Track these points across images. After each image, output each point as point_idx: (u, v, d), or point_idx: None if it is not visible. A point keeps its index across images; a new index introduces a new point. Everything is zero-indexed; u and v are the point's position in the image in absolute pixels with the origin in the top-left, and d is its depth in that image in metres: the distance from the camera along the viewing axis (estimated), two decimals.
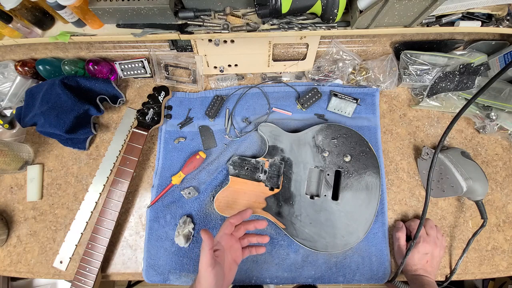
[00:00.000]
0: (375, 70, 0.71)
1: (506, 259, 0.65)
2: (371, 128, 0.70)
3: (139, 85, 0.76)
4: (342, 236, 0.60)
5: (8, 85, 0.72)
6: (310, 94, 0.70)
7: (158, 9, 0.53)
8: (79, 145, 0.69)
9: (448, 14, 0.58)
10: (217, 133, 0.70)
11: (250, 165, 0.64)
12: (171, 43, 0.70)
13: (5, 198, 0.70)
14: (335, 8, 0.50)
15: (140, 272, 0.63)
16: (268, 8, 0.50)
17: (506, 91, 0.66)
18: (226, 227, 0.51)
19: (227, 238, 0.52)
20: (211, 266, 0.44)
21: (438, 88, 0.68)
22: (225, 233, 0.51)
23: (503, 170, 0.69)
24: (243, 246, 0.55)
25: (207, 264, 0.44)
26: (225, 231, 0.51)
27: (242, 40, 0.63)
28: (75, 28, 0.59)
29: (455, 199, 0.68)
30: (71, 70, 0.69)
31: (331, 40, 0.70)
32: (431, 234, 0.61)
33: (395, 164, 0.69)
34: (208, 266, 0.44)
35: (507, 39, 0.69)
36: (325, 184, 0.63)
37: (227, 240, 0.51)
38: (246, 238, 0.55)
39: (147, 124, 0.66)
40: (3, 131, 0.72)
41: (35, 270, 0.65)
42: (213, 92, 0.73)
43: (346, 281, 0.62)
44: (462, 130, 0.72)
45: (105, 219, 0.61)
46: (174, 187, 0.67)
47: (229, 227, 0.52)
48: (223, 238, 0.51)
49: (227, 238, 0.52)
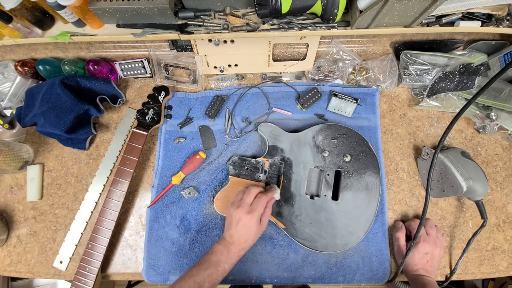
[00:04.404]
0: (375, 70, 0.71)
1: (506, 259, 0.65)
2: (371, 128, 0.70)
3: (139, 85, 0.76)
4: (342, 236, 0.60)
5: (8, 85, 0.72)
6: (310, 94, 0.70)
7: (158, 9, 0.53)
8: (79, 145, 0.69)
9: (448, 14, 0.58)
10: (217, 133, 0.70)
11: (250, 165, 0.64)
12: (171, 43, 0.70)
13: (5, 198, 0.70)
14: (335, 8, 0.50)
15: (140, 272, 0.63)
16: (268, 8, 0.50)
17: (506, 91, 0.66)
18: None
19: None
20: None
21: (438, 88, 0.68)
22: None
23: (503, 170, 0.69)
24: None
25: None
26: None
27: (242, 40, 0.63)
28: (75, 28, 0.59)
29: (455, 199, 0.68)
30: (71, 70, 0.69)
31: (331, 40, 0.70)
32: (431, 234, 0.61)
33: (395, 164, 0.69)
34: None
35: (507, 39, 0.69)
36: (325, 184, 0.63)
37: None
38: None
39: (147, 124, 0.66)
40: (3, 131, 0.72)
41: (35, 270, 0.65)
42: (213, 92, 0.73)
43: (346, 281, 0.62)
44: (462, 130, 0.72)
45: (105, 219, 0.61)
46: (174, 187, 0.67)
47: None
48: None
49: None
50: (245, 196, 0.55)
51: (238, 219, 0.53)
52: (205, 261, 0.51)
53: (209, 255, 0.52)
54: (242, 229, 0.52)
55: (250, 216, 0.52)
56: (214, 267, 0.50)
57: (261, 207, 0.54)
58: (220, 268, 0.51)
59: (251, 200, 0.54)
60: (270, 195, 0.57)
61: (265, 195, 0.56)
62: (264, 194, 0.56)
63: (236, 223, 0.53)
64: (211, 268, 0.50)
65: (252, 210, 0.53)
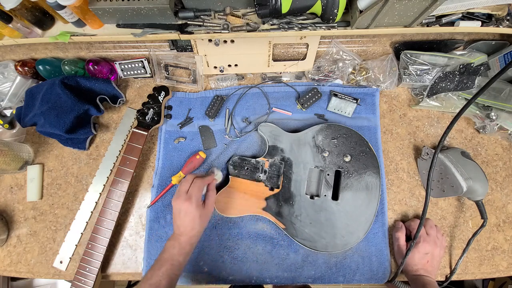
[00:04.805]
0: (375, 70, 0.71)
1: (506, 259, 0.65)
2: (371, 128, 0.70)
3: (139, 85, 0.76)
4: (342, 236, 0.60)
5: (8, 85, 0.72)
6: (310, 94, 0.70)
7: (158, 9, 0.53)
8: (79, 145, 0.69)
9: (448, 14, 0.58)
10: (217, 133, 0.70)
11: (250, 165, 0.64)
12: (171, 43, 0.70)
13: (5, 198, 0.70)
14: (335, 8, 0.50)
15: (140, 272, 0.63)
16: (268, 8, 0.50)
17: (506, 91, 0.66)
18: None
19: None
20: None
21: (438, 88, 0.68)
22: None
23: (503, 170, 0.69)
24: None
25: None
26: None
27: (242, 40, 0.63)
28: (75, 28, 0.59)
29: (455, 199, 0.68)
30: (71, 70, 0.69)
31: (331, 40, 0.70)
32: (431, 234, 0.61)
33: (395, 164, 0.69)
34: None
35: (507, 39, 0.69)
36: (325, 184, 0.63)
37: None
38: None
39: (147, 124, 0.66)
40: (3, 131, 0.72)
41: (35, 270, 0.65)
42: (213, 92, 0.73)
43: (346, 281, 0.62)
44: (462, 130, 0.72)
45: (105, 219, 0.61)
46: (174, 187, 0.67)
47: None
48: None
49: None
50: (180, 186, 0.55)
51: (179, 210, 0.53)
52: (158, 261, 0.52)
53: (162, 254, 0.52)
54: (185, 217, 0.53)
55: (188, 203, 0.53)
56: (168, 263, 0.51)
57: (198, 192, 0.55)
58: (175, 262, 0.51)
59: (187, 188, 0.55)
60: (209, 178, 0.59)
61: (200, 179, 0.57)
62: (200, 178, 0.57)
63: (178, 213, 0.53)
64: (165, 266, 0.50)
65: (189, 197, 0.53)
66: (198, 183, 0.56)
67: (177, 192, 0.55)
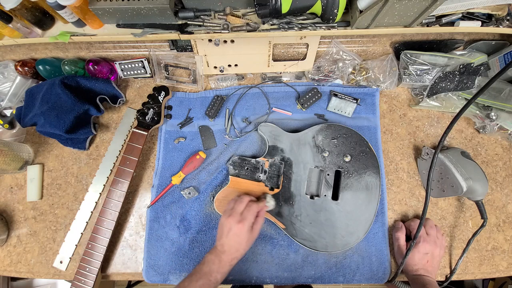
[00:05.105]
0: (375, 70, 0.71)
1: (506, 259, 0.65)
2: (371, 128, 0.70)
3: (139, 85, 0.76)
4: (342, 236, 0.60)
5: (8, 85, 0.72)
6: (310, 94, 0.70)
7: (158, 9, 0.53)
8: (79, 145, 0.69)
9: (448, 14, 0.58)
10: (217, 133, 0.70)
11: (250, 165, 0.64)
12: (171, 43, 0.70)
13: (5, 198, 0.70)
14: (335, 8, 0.50)
15: (140, 272, 0.63)
16: (268, 8, 0.50)
17: (506, 91, 0.66)
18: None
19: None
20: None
21: (438, 88, 0.68)
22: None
23: (503, 170, 0.69)
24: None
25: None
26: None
27: (242, 40, 0.63)
28: (75, 28, 0.59)
29: (455, 199, 0.68)
30: (71, 70, 0.69)
31: (331, 40, 0.70)
32: (431, 234, 0.61)
33: (395, 164, 0.69)
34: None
35: (507, 39, 0.69)
36: (325, 184, 0.63)
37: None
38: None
39: (147, 124, 0.66)
40: (3, 131, 0.72)
41: (35, 270, 0.65)
42: (213, 92, 0.73)
43: (346, 281, 0.62)
44: (462, 130, 0.72)
45: (105, 219, 0.61)
46: (174, 187, 0.67)
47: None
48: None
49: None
50: (236, 205, 0.55)
51: (229, 228, 0.53)
52: (197, 272, 0.51)
53: (201, 266, 0.52)
54: (233, 238, 0.52)
55: (240, 225, 0.52)
56: (206, 278, 0.50)
57: (252, 216, 0.54)
58: (212, 278, 0.51)
59: (242, 209, 0.55)
60: (262, 204, 0.58)
61: (255, 204, 0.56)
62: (255, 203, 0.57)
63: (227, 232, 0.53)
64: (203, 279, 0.50)
65: (242, 219, 0.53)
66: (254, 208, 0.55)
67: (231, 211, 0.55)
